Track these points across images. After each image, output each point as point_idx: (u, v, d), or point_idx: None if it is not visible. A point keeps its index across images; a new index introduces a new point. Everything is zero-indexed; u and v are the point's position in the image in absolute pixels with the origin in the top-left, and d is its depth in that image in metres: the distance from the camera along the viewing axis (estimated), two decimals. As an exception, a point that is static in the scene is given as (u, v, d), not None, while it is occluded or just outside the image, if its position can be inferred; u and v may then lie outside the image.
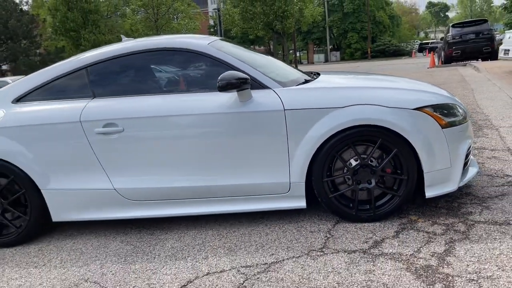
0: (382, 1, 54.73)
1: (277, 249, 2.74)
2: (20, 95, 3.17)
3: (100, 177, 3.04)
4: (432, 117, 2.88)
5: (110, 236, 3.20)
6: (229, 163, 2.96)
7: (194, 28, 34.78)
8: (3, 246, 3.18)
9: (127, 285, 2.49)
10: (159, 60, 3.24)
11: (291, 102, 2.89)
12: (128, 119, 2.95)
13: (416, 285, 2.20)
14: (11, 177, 3.06)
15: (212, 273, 2.53)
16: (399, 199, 2.95)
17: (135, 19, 33.68)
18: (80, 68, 3.15)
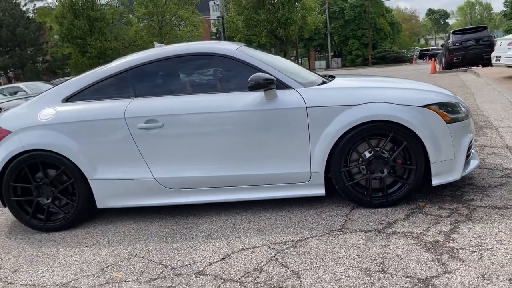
0: (382, 8, 55.31)
1: (301, 229, 3.09)
2: (68, 95, 3.54)
3: (141, 167, 3.40)
4: (437, 113, 3.24)
5: (148, 221, 3.56)
6: (256, 154, 3.33)
7: (197, 35, 35.31)
8: (53, 230, 3.53)
9: (172, 259, 2.84)
10: (194, 64, 3.60)
11: (312, 100, 3.26)
12: (167, 116, 3.32)
13: (426, 256, 2.56)
14: (61, 168, 3.43)
15: (246, 248, 2.89)
16: (408, 186, 3.30)
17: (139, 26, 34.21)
18: (122, 71, 3.52)
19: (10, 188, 3.47)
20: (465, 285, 2.21)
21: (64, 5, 28.04)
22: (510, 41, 11.77)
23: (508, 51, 11.63)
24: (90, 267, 2.85)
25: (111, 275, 2.72)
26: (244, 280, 2.49)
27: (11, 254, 3.22)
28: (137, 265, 2.81)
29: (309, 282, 2.40)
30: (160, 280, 2.59)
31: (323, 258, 2.65)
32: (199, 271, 2.65)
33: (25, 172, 3.47)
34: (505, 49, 11.65)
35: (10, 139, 3.44)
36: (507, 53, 11.57)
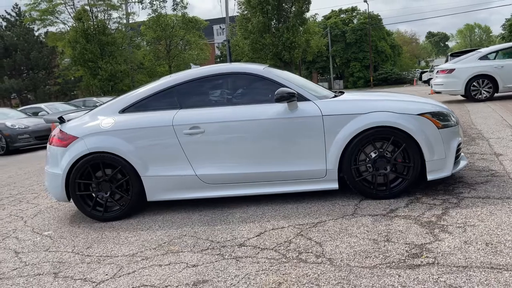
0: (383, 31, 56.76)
1: (320, 215, 3.77)
2: (124, 108, 4.28)
3: (186, 166, 4.10)
4: (431, 121, 3.95)
5: (190, 212, 4.24)
6: (280, 155, 4.03)
7: (204, 59, 36.43)
8: (110, 220, 4.21)
9: (216, 237, 3.51)
10: (228, 81, 4.34)
11: (327, 110, 3.98)
12: (208, 123, 4.05)
13: (421, 230, 3.22)
14: (118, 167, 4.13)
15: (276, 228, 3.56)
16: (407, 181, 3.98)
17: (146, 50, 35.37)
18: (169, 87, 4.27)
19: (75, 184, 4.17)
20: (451, 248, 2.87)
21: (77, 31, 29.19)
22: (440, 70, 12.95)
23: (436, 79, 12.94)
24: (150, 244, 3.53)
25: (169, 248, 3.39)
26: (278, 248, 3.15)
27: (80, 237, 3.90)
28: (189, 241, 3.49)
29: (329, 248, 3.06)
30: (210, 250, 3.26)
31: (339, 233, 3.32)
32: (240, 244, 3.32)
33: (88, 171, 4.18)
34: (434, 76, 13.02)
35: (77, 144, 4.15)
36: (436, 80, 12.97)
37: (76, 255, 3.47)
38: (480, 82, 12.00)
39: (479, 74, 11.96)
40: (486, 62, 12.00)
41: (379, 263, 2.75)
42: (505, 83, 11.71)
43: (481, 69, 11.95)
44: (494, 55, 12.13)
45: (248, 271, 2.83)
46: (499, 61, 11.92)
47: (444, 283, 2.43)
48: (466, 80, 12.03)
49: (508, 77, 11.70)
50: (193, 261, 3.09)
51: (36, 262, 3.41)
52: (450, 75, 12.41)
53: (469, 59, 12.53)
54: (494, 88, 11.87)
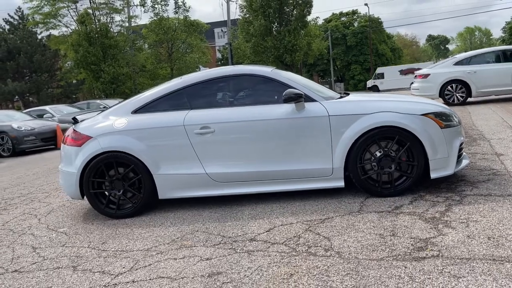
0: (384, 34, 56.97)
1: (327, 212, 3.90)
2: (136, 108, 4.41)
3: (196, 165, 4.23)
4: (434, 121, 4.08)
5: (200, 209, 4.37)
6: (288, 154, 4.16)
7: (206, 62, 36.62)
8: (122, 217, 4.34)
9: (227, 232, 3.64)
10: (237, 82, 4.47)
11: (333, 110, 4.11)
12: (218, 123, 4.18)
13: (426, 226, 3.35)
14: (131, 166, 4.26)
15: (285, 224, 3.69)
16: (411, 179, 4.11)
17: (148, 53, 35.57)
18: (180, 89, 4.41)
19: (89, 183, 4.30)
20: (455, 241, 3.00)
21: (80, 34, 29.37)
22: (417, 74, 13.40)
23: (414, 83, 13.39)
24: (163, 239, 3.66)
25: (182, 243, 3.52)
26: (288, 243, 3.28)
27: (94, 233, 4.03)
28: (201, 237, 3.62)
29: (337, 242, 3.19)
30: (222, 245, 3.39)
31: (346, 228, 3.45)
32: (251, 239, 3.44)
33: (102, 170, 4.31)
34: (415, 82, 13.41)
35: (91, 143, 4.29)
36: (413, 85, 13.38)
37: (93, 250, 3.60)
38: (454, 87, 12.36)
39: (453, 79, 12.32)
40: (460, 68, 12.35)
41: (386, 256, 2.88)
42: (478, 88, 12.06)
43: (455, 75, 12.30)
44: (469, 60, 12.47)
45: (260, 264, 2.95)
46: (472, 66, 12.26)
47: (448, 274, 2.55)
48: (440, 85, 12.40)
49: (480, 82, 12.06)
50: (206, 255, 3.22)
51: (54, 257, 3.53)
52: (425, 80, 12.82)
53: (444, 65, 12.97)
54: (467, 93, 12.19)
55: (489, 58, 12.35)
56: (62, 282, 3.02)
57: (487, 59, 12.35)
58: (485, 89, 11.90)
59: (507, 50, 12.31)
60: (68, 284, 2.98)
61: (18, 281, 3.13)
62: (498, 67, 11.98)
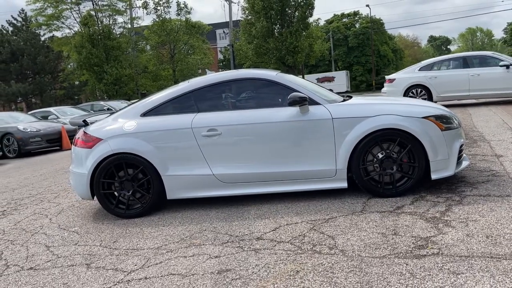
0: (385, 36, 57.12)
1: (330, 211, 4.02)
2: (145, 111, 4.55)
3: (203, 166, 4.36)
4: (434, 123, 4.20)
5: (207, 209, 4.50)
6: (293, 155, 4.28)
7: (208, 63, 36.80)
8: (132, 217, 4.47)
9: (235, 231, 3.77)
10: (243, 86, 4.60)
11: (336, 113, 4.24)
12: (225, 126, 4.31)
13: (426, 225, 3.47)
14: (140, 167, 4.39)
15: (290, 224, 3.81)
16: (413, 180, 4.23)
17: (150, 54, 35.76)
18: (188, 92, 4.54)
19: (100, 183, 4.43)
20: (455, 240, 3.12)
21: (83, 35, 29.57)
22: (387, 79, 13.80)
23: (384, 87, 13.81)
24: (172, 238, 3.79)
25: (191, 242, 3.64)
26: (293, 241, 3.41)
27: (105, 232, 4.16)
28: (209, 235, 3.74)
29: (341, 241, 3.31)
30: (230, 243, 3.51)
31: (350, 228, 3.58)
32: (258, 237, 3.57)
33: (112, 171, 4.44)
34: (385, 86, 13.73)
35: (102, 145, 4.42)
36: (383, 89, 13.80)
37: (105, 248, 3.73)
38: (416, 92, 12.74)
39: (415, 84, 12.74)
40: (423, 73, 12.76)
41: (388, 254, 3.00)
42: (438, 93, 12.41)
43: (417, 80, 12.73)
44: (431, 66, 12.89)
45: (267, 261, 3.08)
46: (433, 72, 12.68)
47: (448, 270, 2.67)
48: (404, 90, 12.82)
49: (440, 88, 12.45)
50: (215, 253, 3.34)
51: (68, 255, 3.66)
52: (392, 84, 13.27)
53: (410, 70, 13.44)
54: (429, 97, 12.52)
55: (450, 64, 12.80)
56: (77, 279, 3.15)
57: (448, 65, 12.80)
58: (445, 94, 12.29)
59: (467, 57, 12.71)
60: (83, 280, 3.11)
61: (34, 278, 3.26)
62: (456, 73, 12.41)
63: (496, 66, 11.91)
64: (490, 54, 12.64)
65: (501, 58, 12.10)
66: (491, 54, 12.63)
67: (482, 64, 12.23)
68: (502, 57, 12.16)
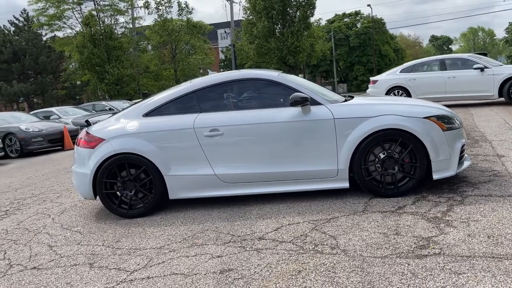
0: (387, 35, 57.08)
1: (332, 211, 4.03)
2: (147, 112, 4.56)
3: (205, 166, 4.37)
4: (436, 123, 4.21)
5: (209, 209, 4.51)
6: (295, 155, 4.30)
7: (209, 63, 36.84)
8: (134, 217, 4.49)
9: (237, 231, 3.78)
10: (245, 86, 4.62)
11: (338, 113, 4.25)
12: (227, 126, 4.33)
13: (428, 225, 3.47)
14: (143, 167, 4.41)
15: (292, 224, 3.83)
16: (414, 180, 4.24)
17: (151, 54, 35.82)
18: (190, 93, 4.56)
19: (102, 183, 4.45)
20: (456, 240, 3.13)
21: (84, 35, 29.63)
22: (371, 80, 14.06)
23: (368, 89, 14.08)
24: (175, 238, 3.80)
25: (193, 241, 3.66)
26: (295, 241, 3.42)
27: (107, 232, 4.17)
28: (211, 235, 3.76)
29: (343, 241, 3.33)
30: (232, 243, 3.53)
31: (351, 228, 3.59)
32: (259, 237, 3.58)
33: (114, 171, 4.46)
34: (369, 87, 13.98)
35: (104, 145, 4.44)
36: (367, 90, 14.07)
37: (107, 248, 3.74)
38: (398, 93, 12.98)
39: (396, 85, 13.01)
40: (403, 75, 13.02)
41: (390, 254, 3.01)
42: (416, 95, 12.55)
43: (397, 81, 13.00)
44: (412, 68, 13.13)
45: (270, 261, 3.09)
46: (413, 74, 12.90)
47: (449, 270, 2.68)
48: (385, 91, 13.08)
49: (419, 89, 12.66)
50: (217, 253, 3.36)
51: (71, 254, 3.68)
52: (374, 85, 13.54)
53: (392, 71, 13.72)
54: None
55: (429, 67, 13.02)
56: (80, 278, 3.17)
57: (428, 67, 13.02)
58: (423, 95, 12.38)
59: (446, 59, 12.88)
60: (86, 280, 3.13)
61: (38, 277, 3.28)
62: (434, 75, 12.61)
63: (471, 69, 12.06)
64: (466, 56, 12.80)
65: (475, 60, 12.20)
66: (467, 56, 12.78)
67: (459, 66, 12.42)
68: (477, 60, 12.26)
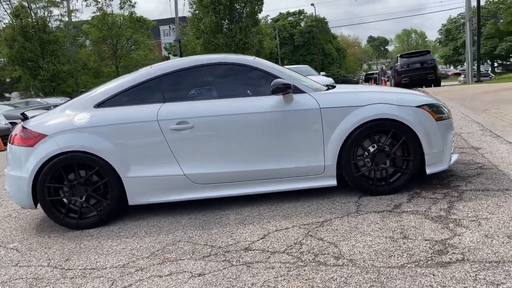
0: (329, 35, 58.22)
1: (322, 213, 3.53)
2: (100, 101, 3.82)
3: (172, 165, 3.72)
4: (429, 113, 3.84)
5: (177, 216, 3.85)
6: (276, 150, 3.75)
7: (153, 59, 35.43)
8: (86, 227, 3.73)
9: (216, 241, 3.18)
10: (216, 72, 3.99)
11: (325, 102, 3.76)
12: (198, 117, 3.69)
13: (435, 226, 3.07)
14: (95, 168, 3.67)
15: (280, 229, 3.28)
16: (407, 175, 3.84)
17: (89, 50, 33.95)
18: (151, 79, 3.87)
19: (45, 189, 3.66)
20: (475, 242, 2.73)
21: (14, 28, 27.36)
22: None
23: None
24: (140, 252, 3.13)
25: (164, 256, 3.01)
26: (290, 251, 2.88)
27: (53, 248, 3.41)
28: (185, 248, 3.12)
29: (346, 248, 2.83)
30: (213, 257, 2.92)
31: (350, 232, 3.10)
32: (245, 248, 3.00)
33: (59, 173, 3.68)
34: None
35: (46, 142, 3.65)
36: None
37: (54, 269, 3.00)
38: None
39: None
40: None
41: (406, 262, 2.56)
42: None
43: None
44: None
45: (265, 278, 2.53)
46: None
47: (484, 280, 2.27)
48: None
49: None
50: (197, 270, 2.74)
51: (6, 280, 2.91)
52: None
53: None
54: None
55: None
56: (20, 314, 2.43)
57: None
58: None
59: None
60: (29, 315, 2.40)
61: (-38, 315, 2.50)
62: None
63: None
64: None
65: None
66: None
67: None
68: None
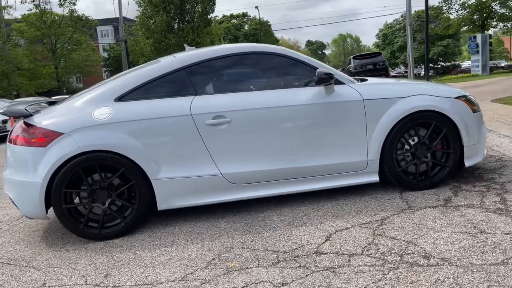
0: (273, 38, 58.81)
1: (374, 211, 3.31)
2: (121, 94, 3.35)
3: (208, 164, 3.34)
4: (466, 104, 3.76)
5: (210, 220, 3.46)
6: (320, 146, 3.49)
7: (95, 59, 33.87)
8: (109, 238, 3.24)
9: (275, 246, 2.85)
10: (252, 62, 3.63)
11: (367, 94, 3.56)
12: (235, 111, 3.34)
13: (504, 219, 2.94)
14: (121, 170, 3.20)
15: (341, 230, 3.02)
16: (448, 169, 3.73)
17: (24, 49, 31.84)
18: (180, 69, 3.45)
19: (61, 195, 3.14)
20: (557, 234, 2.64)
21: None
22: None
23: None
24: (194, 263, 2.73)
25: (226, 265, 2.65)
26: (368, 253, 2.63)
27: (81, 263, 2.91)
28: (244, 254, 2.77)
29: (428, 246, 2.63)
30: (284, 263, 2.60)
31: (419, 228, 2.91)
32: (315, 251, 2.71)
33: (78, 176, 3.18)
34: None
35: (63, 141, 3.13)
36: None
37: (97, 287, 2.54)
38: None
39: None
40: None
41: (506, 258, 2.40)
42: None
43: None
44: None
45: (363, 284, 2.26)
46: None
47: None
48: None
49: None
50: (276, 279, 2.42)
51: (42, 305, 2.41)
52: None
53: None
54: None
55: None
56: None
57: None
58: None
59: None
60: None
61: None
62: None
63: None
64: None
65: None
66: None
67: None
68: None
